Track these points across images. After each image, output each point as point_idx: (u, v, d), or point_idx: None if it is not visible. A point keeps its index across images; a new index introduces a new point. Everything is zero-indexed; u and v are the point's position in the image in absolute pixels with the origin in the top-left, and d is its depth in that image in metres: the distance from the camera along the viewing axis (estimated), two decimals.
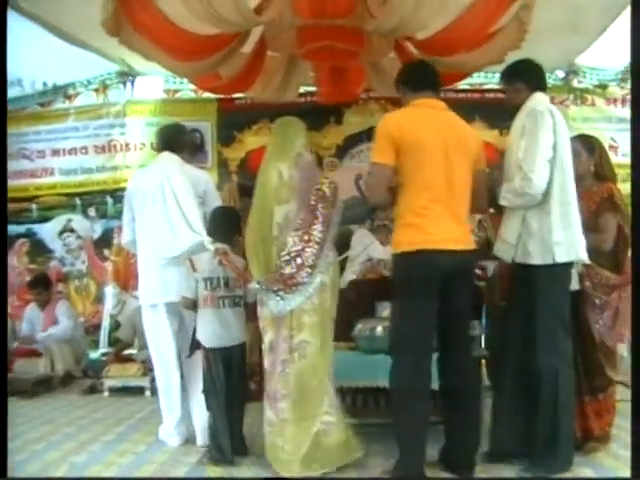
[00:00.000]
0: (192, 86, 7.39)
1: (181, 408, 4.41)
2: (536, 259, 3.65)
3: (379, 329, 4.27)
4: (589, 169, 4.21)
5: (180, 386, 4.41)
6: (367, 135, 7.25)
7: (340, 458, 3.73)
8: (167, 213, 4.19)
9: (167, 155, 4.47)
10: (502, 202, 3.74)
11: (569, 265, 3.72)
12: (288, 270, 3.67)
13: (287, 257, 3.70)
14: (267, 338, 3.82)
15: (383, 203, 4.07)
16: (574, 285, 3.88)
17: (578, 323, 3.92)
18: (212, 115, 7.64)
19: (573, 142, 3.95)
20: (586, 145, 4.26)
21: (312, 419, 3.69)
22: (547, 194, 3.62)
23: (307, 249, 3.70)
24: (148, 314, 4.53)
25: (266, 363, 3.84)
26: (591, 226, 3.97)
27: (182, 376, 4.42)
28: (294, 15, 4.74)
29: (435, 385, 3.68)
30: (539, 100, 3.85)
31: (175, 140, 4.61)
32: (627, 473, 3.45)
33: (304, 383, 3.71)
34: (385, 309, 4.37)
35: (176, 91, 7.88)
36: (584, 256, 3.69)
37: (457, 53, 4.89)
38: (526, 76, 3.94)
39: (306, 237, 3.72)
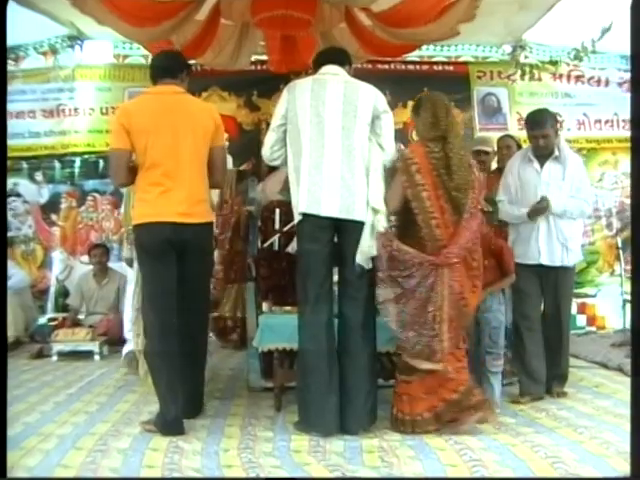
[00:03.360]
0: (142, 51, 7.30)
1: None
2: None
3: None
4: None
5: None
6: None
7: None
8: None
9: None
10: None
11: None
12: None
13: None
14: None
15: (126, 183, 4.21)
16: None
17: None
18: None
19: None
20: None
21: None
22: None
23: None
24: None
25: None
26: None
27: None
28: None
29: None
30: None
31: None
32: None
33: None
34: (335, 274, 4.46)
35: (126, 56, 7.80)
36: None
37: (413, 25, 4.97)
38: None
39: None
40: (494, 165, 5.82)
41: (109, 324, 6.65)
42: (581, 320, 7.67)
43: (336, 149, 3.81)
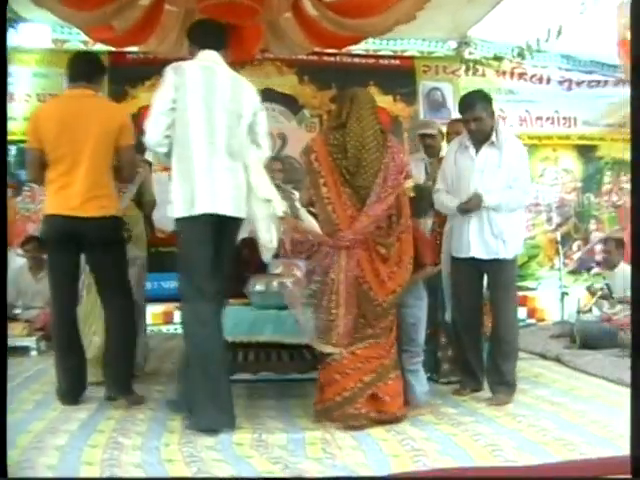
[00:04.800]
0: (82, 37, 7.08)
1: None
2: None
3: (271, 285, 4.34)
4: None
5: None
6: (262, 96, 7.25)
7: None
8: None
9: None
10: None
11: None
12: None
13: None
14: None
15: (35, 179, 4.46)
16: None
17: None
18: None
19: None
20: None
21: None
22: None
23: None
24: None
25: None
26: None
27: None
28: None
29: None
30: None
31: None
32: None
33: None
34: (278, 266, 4.44)
35: (64, 41, 7.56)
36: None
37: (363, 16, 4.96)
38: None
39: None
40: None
41: (46, 318, 6.47)
42: (522, 313, 7.81)
43: (223, 148, 3.75)
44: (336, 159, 3.77)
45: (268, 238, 3.79)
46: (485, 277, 4.48)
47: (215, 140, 3.73)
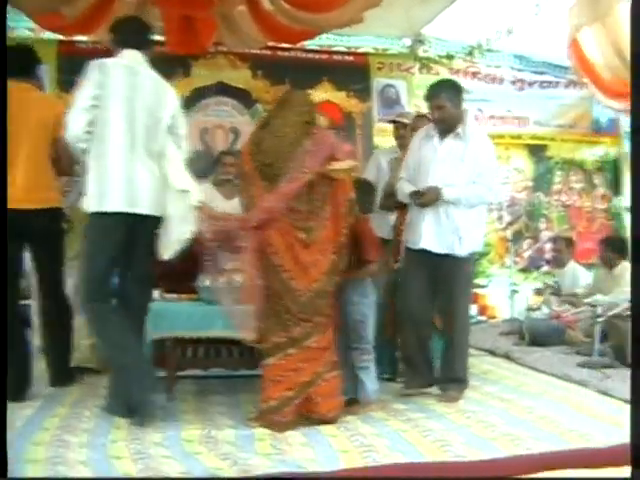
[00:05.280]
0: (30, 24, 6.90)
1: None
2: None
3: (221, 280, 4.28)
4: None
5: None
6: (216, 89, 7.21)
7: None
8: None
9: None
10: None
11: None
12: None
13: None
14: None
15: None
16: None
17: None
18: (51, 58, 7.20)
19: None
20: None
21: None
22: None
23: None
24: None
25: None
26: None
27: None
28: None
29: None
30: None
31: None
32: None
33: None
34: (228, 261, 4.39)
35: (11, 29, 7.36)
36: None
37: (318, 11, 4.94)
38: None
39: None
40: None
41: None
42: (473, 310, 7.86)
43: (142, 148, 3.74)
44: (252, 151, 3.77)
45: (182, 230, 3.75)
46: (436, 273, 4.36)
47: (134, 140, 3.72)
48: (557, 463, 3.09)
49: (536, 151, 8.53)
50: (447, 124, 4.27)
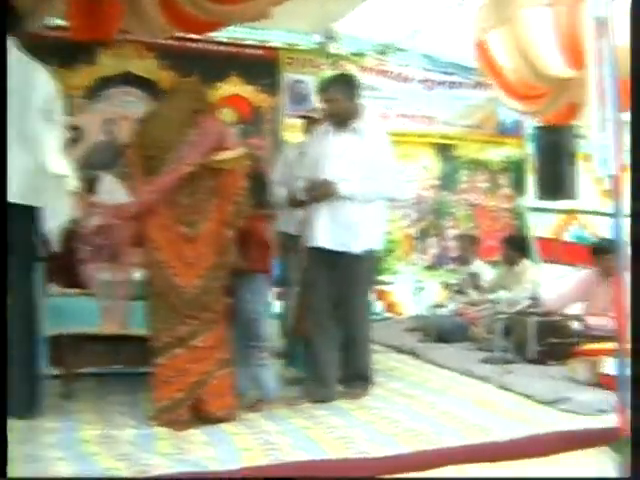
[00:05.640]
0: None
1: None
2: None
3: (117, 275, 4.12)
4: None
5: None
6: (121, 79, 7.00)
7: None
8: None
9: None
10: None
11: None
12: None
13: None
14: None
15: None
16: None
17: None
18: None
19: None
20: None
21: None
22: None
23: None
24: None
25: None
26: None
27: None
28: None
29: None
30: None
31: None
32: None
33: None
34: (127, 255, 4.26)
35: None
36: None
37: (229, 2, 4.84)
38: None
39: None
40: None
41: None
42: (379, 307, 7.93)
43: (14, 134, 3.50)
44: (139, 147, 3.65)
45: (58, 217, 3.61)
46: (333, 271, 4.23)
47: (4, 126, 3.49)
48: (459, 458, 3.13)
49: (443, 150, 8.66)
50: (339, 118, 4.18)
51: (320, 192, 4.11)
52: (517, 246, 6.65)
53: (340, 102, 4.16)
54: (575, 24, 4.90)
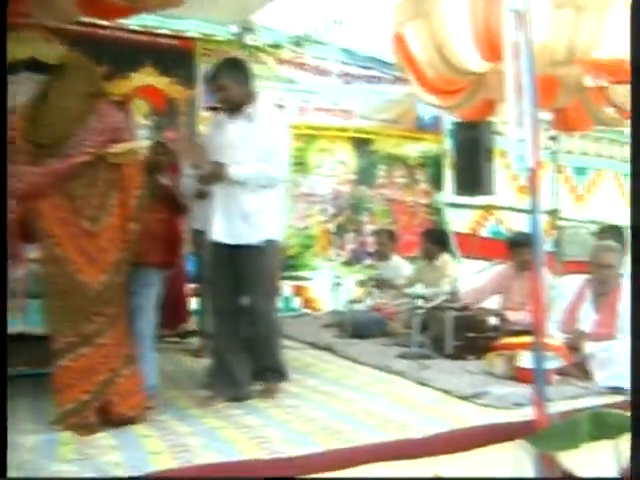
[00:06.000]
0: None
1: None
2: None
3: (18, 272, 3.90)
4: None
5: None
6: (25, 65, 6.67)
7: None
8: None
9: None
10: None
11: None
12: None
13: None
14: None
15: None
16: None
17: None
18: None
19: None
20: None
21: None
22: None
23: None
24: None
25: None
26: None
27: None
28: None
29: None
30: None
31: None
32: None
33: None
34: (32, 250, 4.02)
35: None
36: None
37: None
38: None
39: None
40: None
41: None
42: (296, 302, 7.85)
43: None
44: (30, 133, 3.42)
45: None
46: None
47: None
48: (377, 455, 3.06)
49: (361, 145, 8.64)
50: (232, 105, 4.00)
51: (209, 174, 3.91)
52: (437, 240, 6.65)
53: (232, 88, 3.97)
54: (492, 17, 4.89)
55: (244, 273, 3.98)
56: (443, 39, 5.59)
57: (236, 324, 4.06)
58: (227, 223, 3.94)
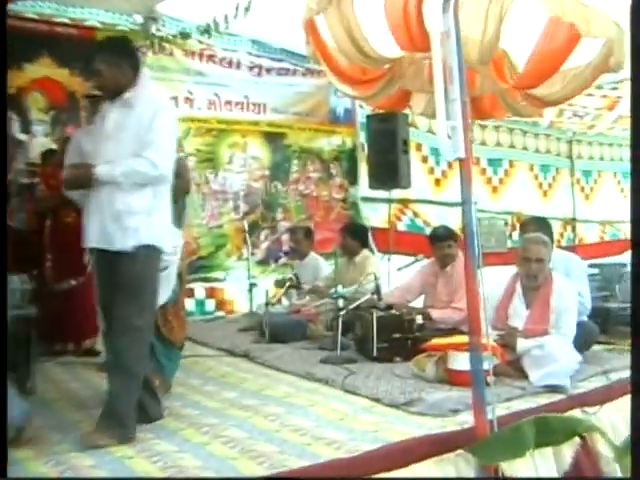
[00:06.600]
0: None
1: None
2: None
3: None
4: None
5: None
6: None
7: None
8: None
9: None
10: None
11: None
12: None
13: None
14: None
15: None
16: None
17: None
18: None
19: None
20: None
21: None
22: None
23: None
24: None
25: None
26: None
27: None
28: None
29: None
30: None
31: None
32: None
33: None
34: None
35: None
36: None
37: None
38: None
39: None
40: None
41: None
42: (210, 305, 7.54)
43: None
44: None
45: None
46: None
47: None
48: None
49: (273, 139, 8.35)
50: (109, 91, 3.49)
51: (70, 178, 3.49)
52: (356, 235, 6.40)
53: (107, 73, 3.44)
54: (409, 3, 4.69)
55: (111, 285, 3.42)
56: (356, 26, 5.36)
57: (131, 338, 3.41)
58: (99, 226, 3.40)
